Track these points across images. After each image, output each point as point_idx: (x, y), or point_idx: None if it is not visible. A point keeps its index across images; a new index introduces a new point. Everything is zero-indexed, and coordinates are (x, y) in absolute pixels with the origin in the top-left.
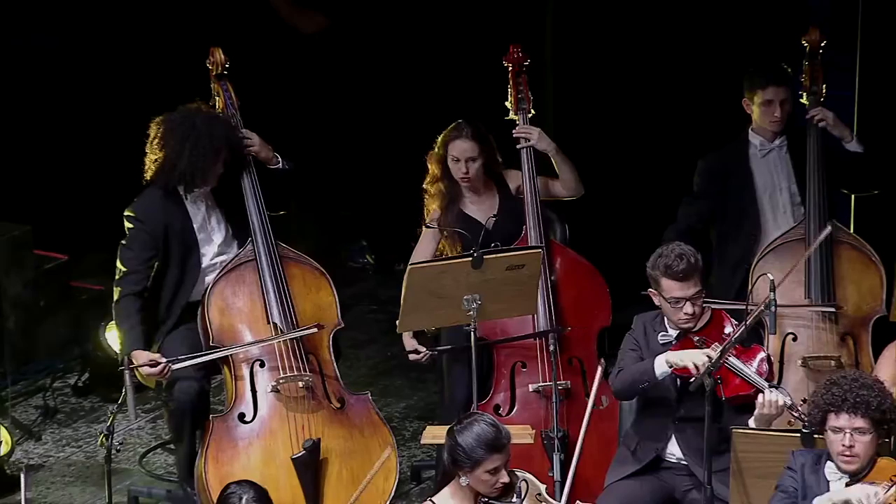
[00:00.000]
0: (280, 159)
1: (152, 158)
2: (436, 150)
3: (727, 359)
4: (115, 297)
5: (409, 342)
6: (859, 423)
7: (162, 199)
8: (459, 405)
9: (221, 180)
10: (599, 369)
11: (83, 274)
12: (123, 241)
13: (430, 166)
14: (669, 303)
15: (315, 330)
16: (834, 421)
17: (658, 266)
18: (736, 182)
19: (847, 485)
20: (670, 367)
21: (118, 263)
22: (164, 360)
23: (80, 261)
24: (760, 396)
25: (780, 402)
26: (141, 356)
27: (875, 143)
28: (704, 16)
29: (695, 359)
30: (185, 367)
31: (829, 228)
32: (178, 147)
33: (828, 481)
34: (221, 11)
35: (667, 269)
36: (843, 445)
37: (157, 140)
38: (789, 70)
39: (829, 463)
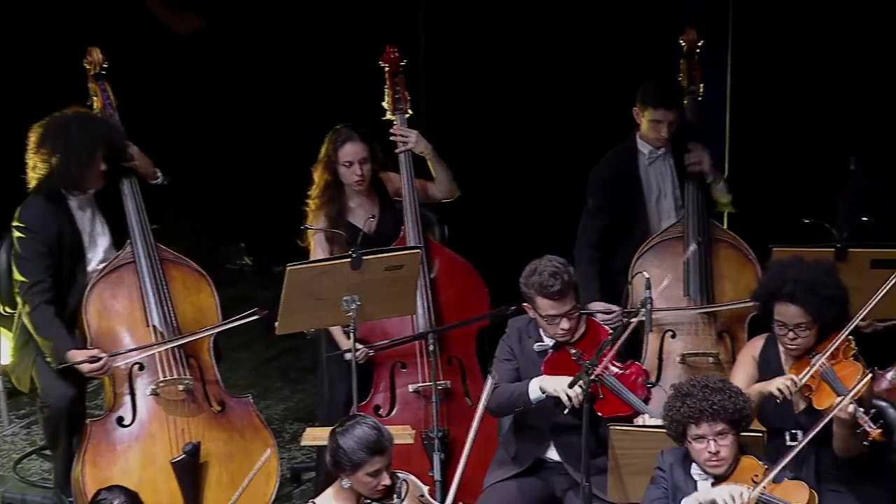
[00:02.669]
0: (160, 174)
1: (31, 166)
2: (323, 158)
3: (605, 377)
4: (27, 308)
5: (345, 341)
6: (720, 426)
7: (49, 207)
8: (340, 406)
9: (106, 183)
10: (490, 381)
11: None
12: (19, 252)
13: (317, 176)
14: (545, 319)
15: (258, 317)
16: (695, 430)
17: (532, 285)
18: (626, 191)
19: (713, 485)
20: (544, 393)
21: (18, 276)
22: (104, 354)
23: None
24: (640, 419)
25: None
26: (78, 354)
27: (746, 145)
28: (578, 16)
29: (569, 390)
30: (128, 361)
31: (693, 246)
32: (54, 150)
33: (695, 481)
34: (96, 11)
35: (541, 287)
36: (709, 453)
37: (33, 147)
38: (683, 84)
39: (695, 463)
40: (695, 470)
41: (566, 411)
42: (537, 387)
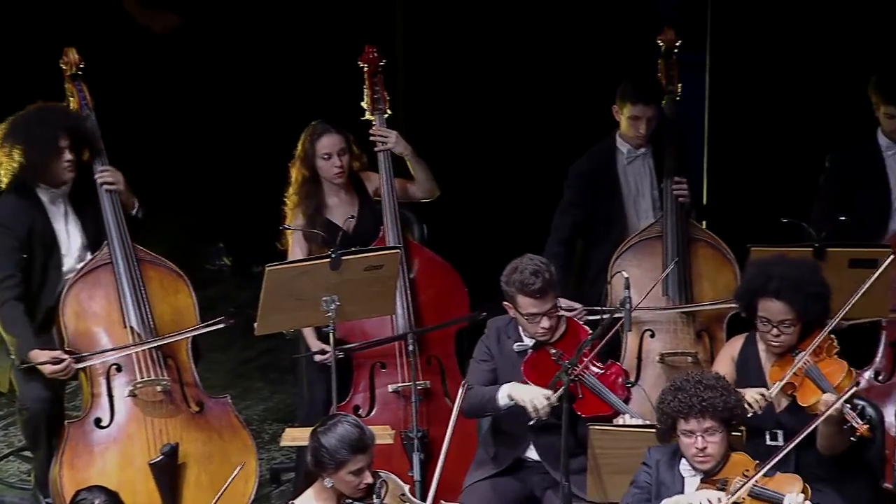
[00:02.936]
0: (137, 206)
1: (0, 163)
2: (300, 153)
3: (585, 376)
4: None
5: (315, 343)
6: (709, 423)
7: (20, 202)
8: (319, 407)
9: (79, 180)
10: (461, 391)
11: None
12: None
13: (294, 172)
14: (526, 318)
15: (223, 325)
16: (684, 425)
17: (513, 283)
18: (604, 189)
19: (702, 481)
20: (512, 401)
21: None
22: (66, 356)
23: None
24: (620, 419)
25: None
26: (41, 355)
27: (724, 145)
28: (557, 16)
29: (536, 401)
30: (95, 362)
31: (672, 265)
32: (15, 143)
33: (682, 478)
34: (72, 11)
35: (522, 286)
36: (697, 448)
37: None
38: (663, 82)
39: (683, 460)
40: (684, 466)
41: (531, 423)
42: (506, 394)
